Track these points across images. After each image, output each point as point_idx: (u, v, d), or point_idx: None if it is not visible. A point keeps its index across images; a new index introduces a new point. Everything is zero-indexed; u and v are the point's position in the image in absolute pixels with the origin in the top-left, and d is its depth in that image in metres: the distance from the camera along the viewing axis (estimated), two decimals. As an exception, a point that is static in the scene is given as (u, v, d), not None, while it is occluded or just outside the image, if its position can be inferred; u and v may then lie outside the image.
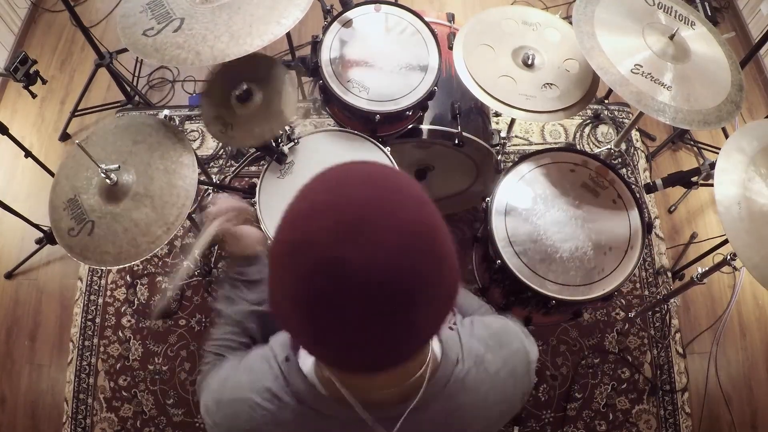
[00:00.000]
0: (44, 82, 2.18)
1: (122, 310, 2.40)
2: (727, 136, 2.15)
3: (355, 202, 0.57)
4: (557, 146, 2.53)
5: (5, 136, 2.09)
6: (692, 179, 1.75)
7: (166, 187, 1.56)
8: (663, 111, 1.51)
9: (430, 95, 1.78)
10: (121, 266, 1.59)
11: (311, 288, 0.56)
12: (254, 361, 0.84)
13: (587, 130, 2.75)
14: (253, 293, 1.05)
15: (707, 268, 1.84)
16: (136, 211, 1.53)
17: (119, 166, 1.54)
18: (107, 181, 1.52)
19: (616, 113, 2.78)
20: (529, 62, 1.75)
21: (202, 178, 2.41)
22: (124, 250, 1.50)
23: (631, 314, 2.36)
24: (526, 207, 1.70)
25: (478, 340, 0.83)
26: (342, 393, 0.72)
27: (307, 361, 0.79)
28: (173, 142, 1.64)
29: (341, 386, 0.72)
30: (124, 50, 2.71)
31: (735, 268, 1.74)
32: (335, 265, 0.54)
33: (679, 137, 2.68)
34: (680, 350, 2.32)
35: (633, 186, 1.79)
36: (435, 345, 0.78)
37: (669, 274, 2.46)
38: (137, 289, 2.44)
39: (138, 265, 2.46)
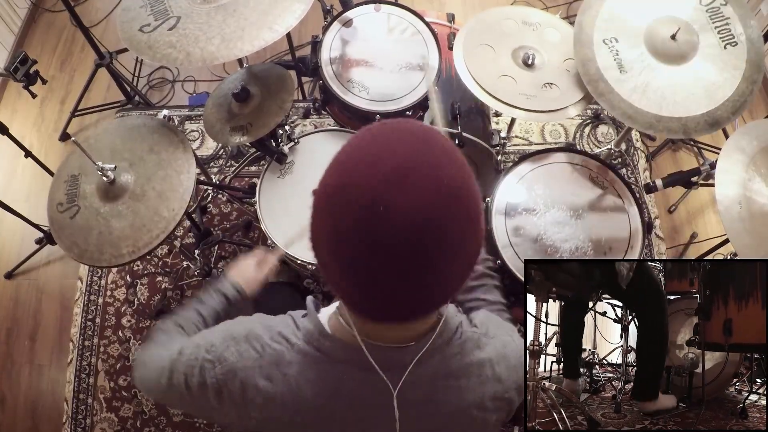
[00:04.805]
0: (44, 82, 2.18)
1: (122, 310, 2.40)
2: (727, 136, 2.15)
3: (401, 154, 0.61)
4: (557, 146, 2.54)
5: (5, 136, 2.09)
6: (692, 179, 1.74)
7: (164, 186, 1.56)
8: (603, 95, 1.50)
9: (430, 95, 1.78)
10: (120, 264, 1.57)
11: (355, 232, 0.59)
12: (272, 318, 0.84)
13: (587, 130, 2.75)
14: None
15: (707, 268, 1.83)
16: (135, 207, 1.53)
17: (116, 166, 1.54)
18: (104, 179, 1.52)
19: (616, 113, 2.77)
20: (530, 62, 1.75)
21: (201, 178, 2.41)
22: (125, 248, 1.49)
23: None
24: (526, 207, 1.70)
25: (478, 320, 0.88)
26: (352, 338, 0.74)
27: (324, 316, 0.81)
28: (172, 142, 1.64)
29: (355, 331, 0.74)
30: (124, 50, 2.71)
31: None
32: (380, 208, 0.57)
33: (680, 137, 2.68)
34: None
35: (633, 186, 1.79)
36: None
37: (669, 274, 2.45)
38: (137, 289, 2.43)
39: (138, 265, 2.45)
